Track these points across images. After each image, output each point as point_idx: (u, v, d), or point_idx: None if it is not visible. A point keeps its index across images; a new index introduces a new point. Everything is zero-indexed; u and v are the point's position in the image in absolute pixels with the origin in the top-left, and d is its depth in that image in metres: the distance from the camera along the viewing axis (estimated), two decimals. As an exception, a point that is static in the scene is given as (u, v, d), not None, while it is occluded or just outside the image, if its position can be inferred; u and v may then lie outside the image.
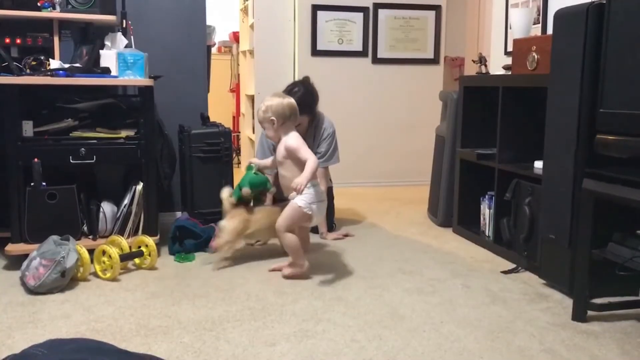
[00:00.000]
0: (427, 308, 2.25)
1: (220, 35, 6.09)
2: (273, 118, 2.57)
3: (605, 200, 2.02)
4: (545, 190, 2.44)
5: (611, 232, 2.10)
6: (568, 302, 2.27)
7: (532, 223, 2.67)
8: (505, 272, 2.69)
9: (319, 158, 3.30)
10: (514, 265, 2.75)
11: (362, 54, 4.83)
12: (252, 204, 2.83)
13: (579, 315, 2.13)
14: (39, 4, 2.87)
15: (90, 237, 2.84)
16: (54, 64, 2.82)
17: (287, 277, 2.57)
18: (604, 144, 2.04)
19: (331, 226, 3.37)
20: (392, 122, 4.92)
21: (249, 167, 2.81)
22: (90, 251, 2.58)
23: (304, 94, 3.14)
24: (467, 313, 2.21)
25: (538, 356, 1.86)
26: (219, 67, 6.02)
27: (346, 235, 3.29)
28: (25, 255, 2.53)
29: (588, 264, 2.08)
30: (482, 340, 1.97)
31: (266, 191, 2.88)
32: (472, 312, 2.22)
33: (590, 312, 2.14)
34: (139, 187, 2.88)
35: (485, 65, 3.40)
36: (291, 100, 2.63)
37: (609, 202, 2.01)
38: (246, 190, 2.73)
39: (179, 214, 3.43)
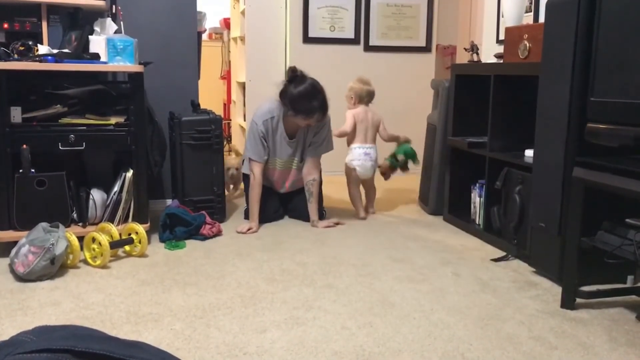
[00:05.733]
0: (418, 296, 2.26)
1: (211, 22, 6.03)
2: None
3: (595, 189, 2.03)
4: (535, 178, 2.45)
5: (600, 220, 2.11)
6: (557, 290, 2.29)
7: (522, 211, 2.69)
8: (495, 260, 2.70)
9: (317, 147, 3.29)
10: (503, 254, 2.77)
11: (354, 41, 4.81)
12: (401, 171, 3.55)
13: (567, 302, 2.15)
14: (26, -12, 2.84)
15: (80, 224, 2.83)
16: (43, 49, 2.78)
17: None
18: (595, 132, 2.05)
19: (321, 214, 3.37)
20: (383, 110, 4.86)
21: (406, 142, 3.54)
22: (80, 238, 2.57)
23: None
24: (457, 301, 2.22)
25: (527, 343, 1.87)
26: (210, 54, 5.97)
27: (337, 224, 3.29)
28: (14, 242, 2.51)
29: (577, 252, 2.10)
30: (471, 328, 1.98)
31: (413, 162, 3.53)
32: (462, 299, 2.23)
33: (579, 300, 2.16)
34: (129, 174, 2.86)
35: (477, 54, 3.40)
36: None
37: (598, 191, 2.02)
38: (401, 157, 3.49)
39: (169, 201, 3.41)
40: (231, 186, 3.93)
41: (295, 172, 3.36)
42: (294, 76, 3.17)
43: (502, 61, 3.03)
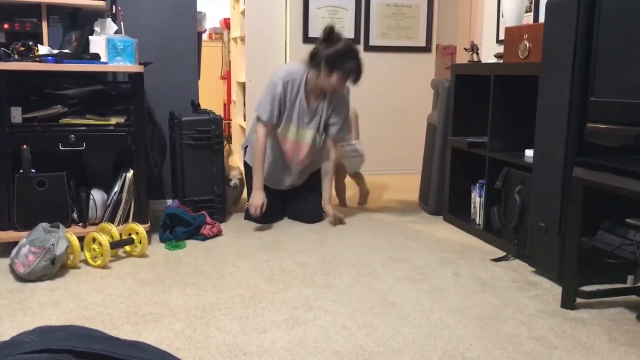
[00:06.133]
0: (417, 296, 2.26)
1: (211, 22, 6.03)
2: None
3: (595, 189, 2.03)
4: (535, 178, 2.45)
5: (600, 220, 2.11)
6: (557, 290, 2.29)
7: (522, 211, 2.69)
8: (495, 260, 2.71)
9: (338, 131, 3.25)
10: (504, 253, 2.77)
11: (354, 41, 4.80)
12: None
13: (567, 302, 2.15)
14: (26, -11, 2.84)
15: (80, 224, 2.83)
16: (43, 49, 2.79)
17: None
18: (595, 132, 2.05)
19: (321, 215, 3.37)
20: (383, 111, 4.92)
21: None
22: (80, 238, 2.58)
23: None
24: (457, 301, 2.22)
25: (527, 343, 1.87)
26: (210, 54, 5.97)
27: (340, 222, 3.29)
28: (15, 243, 2.51)
29: (577, 252, 2.10)
30: (471, 328, 1.98)
31: None
32: (462, 299, 2.23)
33: (579, 300, 2.16)
34: (129, 174, 2.86)
35: (477, 54, 3.40)
36: None
37: (598, 191, 2.02)
38: None
39: (169, 201, 3.42)
40: (231, 200, 3.58)
41: (308, 149, 3.23)
42: (330, 35, 3.01)
43: (502, 61, 3.02)
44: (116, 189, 2.87)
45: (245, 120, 4.98)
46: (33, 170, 2.69)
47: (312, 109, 3.17)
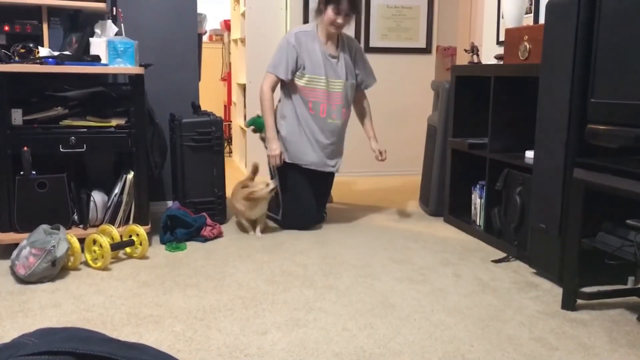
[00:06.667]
0: (418, 297, 2.26)
1: (212, 24, 6.04)
2: None
3: (595, 190, 2.03)
4: (535, 179, 2.45)
5: (601, 221, 2.11)
6: (558, 291, 2.29)
7: (522, 212, 2.69)
8: (495, 261, 2.71)
9: (368, 77, 3.36)
10: (504, 255, 2.77)
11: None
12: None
13: (568, 303, 2.15)
14: (27, -9, 2.84)
15: (81, 226, 2.83)
16: (43, 51, 2.79)
17: None
18: (595, 133, 2.05)
19: (322, 216, 3.38)
20: (383, 112, 4.91)
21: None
22: (81, 240, 2.58)
23: None
24: (458, 302, 2.22)
25: (527, 344, 1.87)
26: (210, 56, 5.98)
27: (383, 156, 3.35)
28: (15, 245, 2.51)
29: (578, 253, 2.10)
30: (472, 329, 1.98)
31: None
32: (462, 300, 2.23)
33: (579, 301, 2.16)
34: (130, 176, 2.86)
35: (477, 55, 3.40)
36: None
37: (598, 192, 2.02)
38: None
39: (170, 203, 3.42)
40: (247, 223, 3.14)
41: (341, 98, 3.19)
42: None
43: (502, 62, 3.03)
44: (117, 190, 2.87)
45: (245, 121, 4.97)
46: (34, 172, 2.69)
47: (334, 55, 3.19)
